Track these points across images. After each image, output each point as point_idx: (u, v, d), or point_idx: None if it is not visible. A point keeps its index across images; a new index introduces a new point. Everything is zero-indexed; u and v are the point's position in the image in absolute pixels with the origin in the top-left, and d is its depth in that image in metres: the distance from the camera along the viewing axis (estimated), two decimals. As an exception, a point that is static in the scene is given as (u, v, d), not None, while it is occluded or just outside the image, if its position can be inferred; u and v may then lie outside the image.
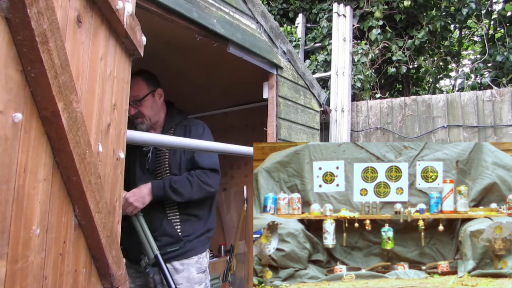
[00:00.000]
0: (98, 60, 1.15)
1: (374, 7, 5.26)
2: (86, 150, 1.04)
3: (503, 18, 5.26)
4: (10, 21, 0.81)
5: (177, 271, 1.93)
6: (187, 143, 1.79)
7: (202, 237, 2.04)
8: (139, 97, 2.04)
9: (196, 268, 1.98)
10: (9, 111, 0.83)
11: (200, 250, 2.02)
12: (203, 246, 2.04)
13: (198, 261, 2.00)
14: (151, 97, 2.09)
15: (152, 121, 2.09)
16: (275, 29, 2.88)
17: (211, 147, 1.93)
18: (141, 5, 1.75)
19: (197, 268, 1.99)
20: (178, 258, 1.95)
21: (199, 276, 1.99)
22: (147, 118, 2.07)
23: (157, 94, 2.12)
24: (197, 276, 1.98)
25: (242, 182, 3.87)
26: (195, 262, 1.99)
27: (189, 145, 1.80)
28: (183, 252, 1.96)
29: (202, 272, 2.02)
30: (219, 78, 3.23)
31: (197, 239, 2.01)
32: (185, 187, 1.94)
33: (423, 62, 5.72)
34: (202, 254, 2.03)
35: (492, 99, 3.96)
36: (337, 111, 4.52)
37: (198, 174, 1.99)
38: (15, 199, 0.85)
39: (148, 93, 2.07)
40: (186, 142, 1.79)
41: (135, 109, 2.04)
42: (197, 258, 2.00)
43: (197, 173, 1.99)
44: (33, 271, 0.91)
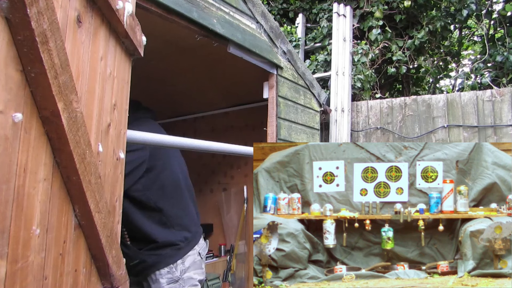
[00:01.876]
0: (98, 60, 1.15)
1: (374, 7, 5.26)
2: (86, 150, 1.04)
3: (503, 18, 5.26)
4: (10, 21, 0.81)
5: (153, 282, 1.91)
6: (187, 143, 1.79)
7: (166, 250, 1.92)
8: None
9: (167, 279, 1.90)
10: (9, 111, 0.83)
11: (171, 260, 1.92)
12: (172, 257, 1.93)
13: (170, 271, 1.92)
14: None
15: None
16: (275, 29, 2.88)
17: (212, 147, 1.93)
18: (141, 5, 1.75)
19: (168, 279, 1.91)
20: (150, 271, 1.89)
21: (170, 287, 1.90)
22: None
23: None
24: (168, 287, 1.90)
25: (242, 182, 3.87)
26: (167, 273, 1.91)
27: (189, 145, 1.80)
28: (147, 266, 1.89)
29: (174, 282, 1.92)
30: (219, 78, 3.23)
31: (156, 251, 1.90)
32: None
33: (423, 62, 5.72)
34: (174, 264, 1.92)
35: (492, 99, 3.96)
36: (337, 111, 4.52)
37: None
38: (15, 199, 0.85)
39: None
40: (186, 142, 1.79)
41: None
42: (168, 268, 1.91)
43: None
44: (33, 271, 0.91)
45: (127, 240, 1.92)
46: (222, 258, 3.75)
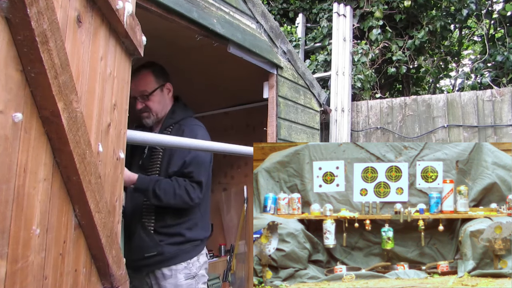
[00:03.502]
0: (98, 60, 1.15)
1: (374, 7, 5.26)
2: (86, 150, 1.04)
3: (503, 18, 5.26)
4: (10, 21, 0.81)
5: (165, 277, 1.89)
6: (187, 143, 1.79)
7: (186, 245, 1.94)
8: (147, 91, 1.98)
9: (184, 274, 1.91)
10: (9, 111, 0.83)
11: (188, 256, 1.94)
12: (189, 253, 1.95)
13: (187, 266, 1.93)
14: (159, 91, 2.02)
15: (159, 116, 2.03)
16: (275, 29, 2.88)
17: (212, 147, 1.93)
18: (141, 5, 1.75)
19: (185, 274, 1.91)
20: (164, 265, 1.89)
21: (188, 282, 1.91)
22: (154, 113, 2.00)
23: (165, 89, 2.06)
24: (185, 282, 1.90)
25: (242, 182, 3.87)
26: (184, 268, 1.91)
27: (189, 145, 1.80)
28: (164, 259, 1.89)
29: (192, 278, 1.94)
30: (219, 78, 3.23)
31: (178, 246, 1.91)
32: (167, 193, 1.84)
33: (423, 62, 5.72)
34: (191, 260, 1.95)
35: (492, 99, 3.96)
36: (337, 111, 4.52)
37: (186, 184, 1.89)
38: (15, 199, 0.85)
39: (156, 88, 2.01)
40: (186, 142, 1.79)
41: (142, 103, 1.98)
42: (186, 264, 1.92)
43: (186, 183, 1.89)
44: (33, 271, 0.92)
45: (151, 228, 1.92)
46: (222, 258, 3.75)
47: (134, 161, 2.05)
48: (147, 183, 1.85)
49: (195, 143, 1.82)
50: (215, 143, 1.97)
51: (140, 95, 1.97)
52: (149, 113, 2.01)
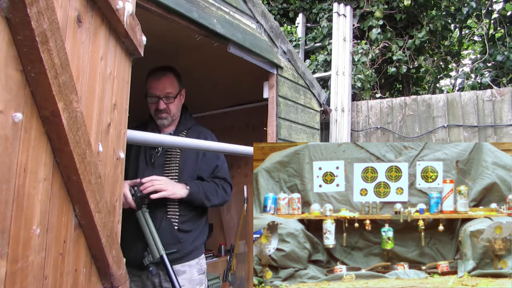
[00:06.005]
0: (98, 60, 1.15)
1: (374, 6, 5.26)
2: (86, 150, 1.04)
3: (503, 17, 5.26)
4: (10, 20, 0.81)
5: (178, 273, 1.94)
6: (187, 143, 1.79)
7: (199, 241, 2.06)
8: (173, 94, 2.07)
9: (197, 270, 2.02)
10: (9, 111, 0.83)
11: (200, 252, 2.06)
12: (199, 249, 2.07)
13: (199, 262, 2.04)
14: (179, 96, 2.13)
15: (173, 119, 2.12)
16: (275, 29, 2.88)
17: (212, 147, 1.93)
18: (141, 5, 1.75)
19: (198, 270, 2.03)
20: (180, 261, 1.96)
21: (200, 277, 2.03)
22: (171, 115, 2.09)
23: (182, 94, 2.18)
24: (198, 277, 2.01)
25: (242, 182, 3.87)
26: (196, 264, 2.02)
27: (189, 145, 1.80)
28: (183, 255, 1.97)
29: (203, 273, 2.06)
30: (219, 78, 3.23)
31: (193, 243, 2.02)
32: (213, 194, 2.03)
33: (423, 62, 5.72)
34: (201, 256, 2.07)
35: (492, 98, 3.96)
36: (337, 111, 4.52)
37: (222, 183, 2.10)
38: (15, 199, 0.85)
39: (178, 92, 2.12)
40: (186, 142, 1.79)
41: (164, 104, 2.05)
42: (197, 259, 2.04)
43: (222, 182, 2.10)
44: (33, 271, 0.92)
45: (175, 226, 1.97)
46: (222, 258, 3.75)
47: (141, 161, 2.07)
48: (198, 190, 1.98)
49: (195, 143, 1.82)
50: (215, 143, 1.97)
51: (165, 96, 2.05)
52: (168, 114, 2.08)
